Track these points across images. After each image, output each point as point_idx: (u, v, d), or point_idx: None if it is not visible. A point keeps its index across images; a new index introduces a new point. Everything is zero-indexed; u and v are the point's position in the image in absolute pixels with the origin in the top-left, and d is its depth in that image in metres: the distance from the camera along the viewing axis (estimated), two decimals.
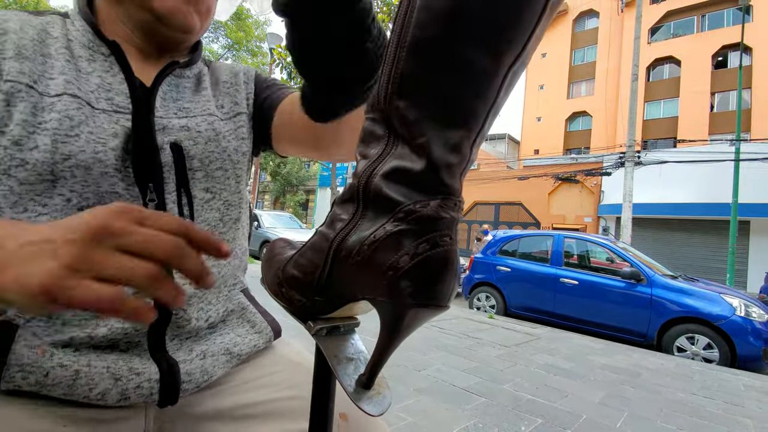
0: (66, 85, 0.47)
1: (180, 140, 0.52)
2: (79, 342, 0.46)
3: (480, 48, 0.25)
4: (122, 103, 0.50)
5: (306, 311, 0.37)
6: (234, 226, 0.59)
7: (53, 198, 0.45)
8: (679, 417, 2.52)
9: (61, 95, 0.46)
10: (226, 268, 0.58)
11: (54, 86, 0.47)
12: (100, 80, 0.51)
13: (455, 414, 2.24)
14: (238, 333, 0.59)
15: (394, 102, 0.28)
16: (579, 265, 5.54)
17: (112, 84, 0.51)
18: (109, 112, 0.49)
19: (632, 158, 10.00)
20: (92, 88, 0.49)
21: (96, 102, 0.49)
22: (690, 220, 15.23)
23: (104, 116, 0.48)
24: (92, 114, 0.48)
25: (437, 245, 0.28)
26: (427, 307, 0.28)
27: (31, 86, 0.46)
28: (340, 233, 0.32)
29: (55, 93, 0.46)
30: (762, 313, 4.12)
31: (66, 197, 0.45)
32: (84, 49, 0.52)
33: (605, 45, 22.92)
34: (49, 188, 0.44)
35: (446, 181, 0.28)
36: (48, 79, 0.47)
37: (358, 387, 0.33)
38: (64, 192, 0.45)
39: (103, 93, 0.50)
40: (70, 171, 0.45)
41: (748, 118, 17.46)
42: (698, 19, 20.50)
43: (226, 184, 0.57)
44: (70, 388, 0.44)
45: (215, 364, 0.54)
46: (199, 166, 0.54)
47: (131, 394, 0.46)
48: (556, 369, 3.29)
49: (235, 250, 0.60)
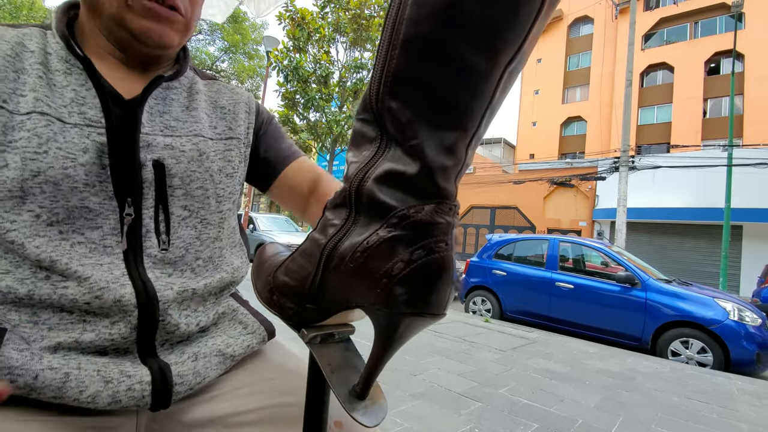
0: (35, 102, 0.47)
1: (163, 158, 0.52)
2: (67, 347, 0.45)
3: (475, 46, 0.24)
4: (95, 117, 0.50)
5: (298, 319, 0.36)
6: (212, 245, 0.58)
7: (22, 214, 0.45)
8: (674, 421, 2.52)
9: (30, 113, 0.46)
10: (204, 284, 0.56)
11: (24, 104, 0.47)
12: (74, 94, 0.50)
13: (451, 419, 2.23)
14: (230, 335, 0.58)
15: (386, 102, 0.27)
16: (574, 269, 5.56)
17: (86, 98, 0.50)
18: (81, 126, 0.49)
19: (626, 163, 10.07)
20: (65, 103, 0.49)
21: (68, 116, 0.48)
22: (683, 224, 15.35)
23: (75, 131, 0.48)
24: (62, 129, 0.47)
25: (432, 251, 0.27)
26: (422, 316, 0.27)
27: (2, 106, 0.46)
28: (332, 239, 0.31)
29: (24, 111, 0.46)
30: (755, 317, 4.15)
31: (35, 213, 0.45)
32: (61, 62, 0.51)
33: (599, 51, 23.14)
34: (18, 204, 0.44)
35: (441, 185, 0.27)
36: (19, 96, 0.47)
37: (352, 397, 0.32)
38: (33, 208, 0.45)
39: (76, 107, 0.49)
40: (39, 187, 0.45)
41: (741, 124, 17.67)
42: (691, 26, 20.76)
43: (206, 203, 0.57)
44: (59, 391, 0.43)
45: (208, 366, 0.53)
46: (179, 184, 0.54)
47: (122, 396, 0.46)
48: (552, 373, 3.28)
49: (222, 266, 0.59)
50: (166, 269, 0.52)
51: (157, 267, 0.51)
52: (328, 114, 10.21)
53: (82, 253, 0.47)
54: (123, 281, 0.48)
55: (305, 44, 10.02)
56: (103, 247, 0.48)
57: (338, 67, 10.57)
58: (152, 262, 0.51)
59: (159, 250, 0.52)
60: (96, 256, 0.48)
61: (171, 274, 0.52)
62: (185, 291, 0.53)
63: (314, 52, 10.21)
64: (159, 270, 0.51)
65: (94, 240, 0.48)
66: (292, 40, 9.95)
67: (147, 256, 0.51)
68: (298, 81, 9.84)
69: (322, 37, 9.97)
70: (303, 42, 9.93)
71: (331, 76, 10.23)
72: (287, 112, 10.40)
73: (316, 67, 10.00)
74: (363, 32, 9.93)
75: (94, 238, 0.48)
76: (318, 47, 10.17)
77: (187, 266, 0.54)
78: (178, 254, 0.53)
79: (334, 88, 10.37)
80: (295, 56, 9.89)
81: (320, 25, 9.94)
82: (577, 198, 17.40)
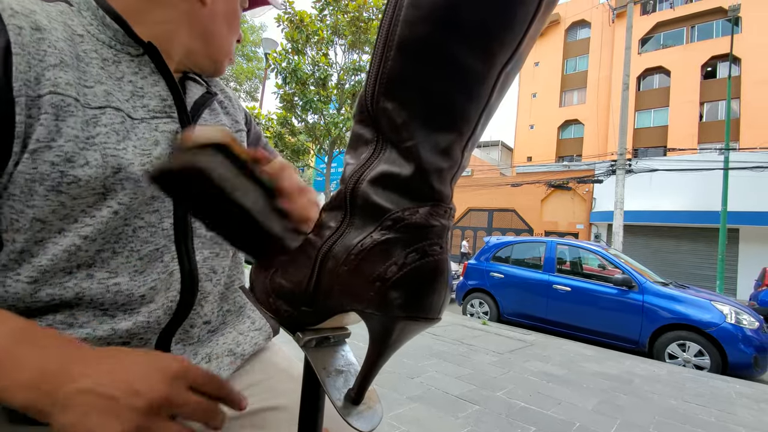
0: (107, 96, 0.45)
1: None
2: (95, 338, 0.43)
3: (471, 47, 0.24)
4: (157, 107, 0.49)
5: (294, 322, 0.35)
6: None
7: (101, 210, 0.44)
8: (671, 425, 2.52)
9: (104, 108, 0.44)
10: (240, 267, 0.61)
11: (93, 96, 0.44)
12: (132, 86, 0.48)
13: (449, 422, 2.22)
14: (239, 330, 0.59)
15: (382, 103, 0.27)
16: (571, 272, 5.56)
17: (144, 88, 0.49)
18: (147, 120, 0.48)
19: (623, 166, 10.11)
20: (127, 97, 0.47)
21: (134, 111, 0.47)
22: (680, 227, 15.42)
23: (144, 125, 0.48)
24: (133, 126, 0.47)
25: (427, 255, 0.27)
26: (416, 320, 0.27)
27: (77, 99, 0.42)
28: (327, 241, 0.31)
29: (96, 105, 0.44)
30: (752, 320, 4.15)
31: (114, 209, 0.44)
32: (106, 48, 0.48)
33: (597, 55, 23.28)
34: (99, 200, 0.44)
35: (436, 187, 0.27)
36: (86, 88, 0.44)
37: (347, 402, 0.32)
38: (112, 204, 0.44)
39: (138, 100, 0.48)
40: (120, 184, 0.44)
41: (737, 128, 17.78)
42: (687, 30, 20.91)
43: None
44: None
45: (220, 367, 0.54)
46: None
47: None
48: (549, 376, 3.28)
49: (230, 251, 0.59)
50: (214, 249, 0.54)
51: (206, 247, 0.53)
52: (327, 116, 10.21)
53: (144, 237, 0.47)
54: (172, 267, 0.49)
55: (304, 46, 10.03)
56: (161, 230, 0.49)
57: (337, 70, 10.58)
58: (201, 242, 0.52)
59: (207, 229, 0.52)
60: (156, 239, 0.48)
61: (218, 254, 0.55)
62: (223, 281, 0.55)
63: (313, 55, 10.21)
64: (208, 250, 0.53)
65: (153, 223, 0.48)
66: (290, 42, 9.96)
67: (197, 236, 0.52)
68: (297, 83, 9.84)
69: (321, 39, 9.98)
70: (301, 44, 9.94)
71: (329, 78, 10.23)
72: (285, 114, 10.40)
73: (314, 70, 10.01)
74: (361, 35, 9.94)
75: (153, 222, 0.48)
76: (316, 49, 10.18)
77: None
78: None
79: (332, 90, 10.38)
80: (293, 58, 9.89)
81: (319, 27, 9.95)
82: (574, 201, 17.45)
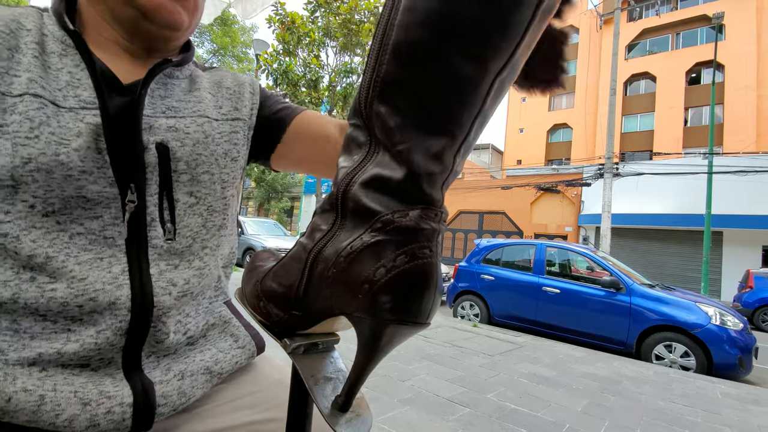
0: (29, 83, 0.44)
1: (167, 140, 0.49)
2: (47, 359, 0.42)
3: (465, 53, 0.24)
4: (89, 99, 0.47)
5: (283, 327, 0.35)
6: (218, 232, 0.56)
7: (16, 204, 0.42)
8: (659, 425, 2.55)
9: (23, 95, 0.43)
10: (207, 279, 0.54)
11: (17, 85, 0.43)
12: (69, 77, 0.47)
13: (439, 425, 2.22)
14: (220, 348, 0.55)
15: (375, 107, 0.27)
16: (561, 274, 5.62)
17: (81, 79, 0.47)
18: (76, 109, 0.45)
19: (611, 170, 10.26)
20: (61, 86, 0.46)
21: (63, 100, 0.45)
22: (666, 230, 15.68)
23: (70, 115, 0.45)
24: (56, 113, 0.44)
25: (416, 257, 0.26)
26: (404, 324, 0.27)
27: None
28: (318, 244, 0.30)
29: (17, 93, 0.43)
30: (737, 321, 4.24)
31: (29, 203, 0.42)
32: (57, 43, 0.48)
33: (585, 60, 23.62)
34: (11, 194, 0.41)
35: (427, 191, 0.27)
36: (12, 77, 0.44)
37: (335, 410, 0.31)
38: (26, 198, 0.42)
39: (71, 90, 0.46)
40: (30, 175, 0.41)
41: (721, 133, 18.18)
42: (673, 36, 21.35)
43: (212, 188, 0.54)
44: (34, 414, 0.40)
45: (194, 385, 0.50)
46: (184, 169, 0.51)
47: (101, 420, 0.43)
48: (539, 378, 3.30)
49: (217, 258, 0.57)
50: (173, 260, 0.49)
51: (162, 259, 0.48)
52: None
53: (82, 245, 0.44)
54: (121, 280, 0.45)
55: (295, 48, 10.01)
56: (104, 239, 0.45)
57: (328, 72, 10.58)
58: (158, 254, 0.48)
59: (164, 240, 0.49)
60: (97, 248, 0.45)
61: (177, 266, 0.50)
62: (185, 295, 0.50)
63: (304, 56, 10.20)
64: (165, 262, 0.49)
65: (94, 231, 0.45)
66: (281, 44, 9.94)
67: (152, 247, 0.48)
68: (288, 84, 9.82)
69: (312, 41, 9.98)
70: (293, 46, 9.92)
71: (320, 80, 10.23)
72: None
73: (305, 71, 10.00)
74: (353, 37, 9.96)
75: (94, 229, 0.45)
76: (308, 51, 10.17)
77: (195, 256, 0.52)
78: (185, 244, 0.51)
79: (323, 92, 10.37)
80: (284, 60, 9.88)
81: (310, 29, 9.94)
82: (563, 203, 17.64)
